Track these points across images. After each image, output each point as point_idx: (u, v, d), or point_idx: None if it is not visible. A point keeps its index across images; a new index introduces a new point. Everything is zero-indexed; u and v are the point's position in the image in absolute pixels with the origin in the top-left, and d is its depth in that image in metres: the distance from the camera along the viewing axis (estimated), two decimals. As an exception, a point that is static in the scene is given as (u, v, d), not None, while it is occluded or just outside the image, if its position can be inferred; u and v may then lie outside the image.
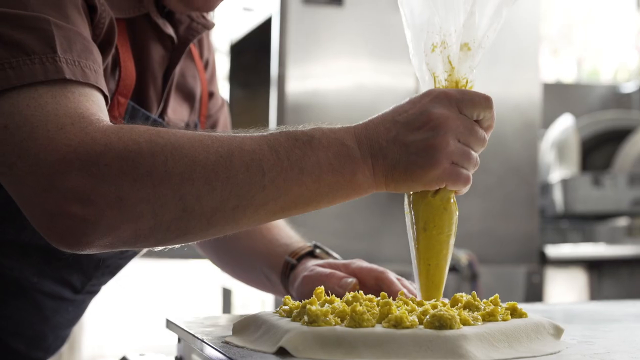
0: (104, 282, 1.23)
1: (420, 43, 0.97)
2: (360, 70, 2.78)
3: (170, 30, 1.15)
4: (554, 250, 2.99)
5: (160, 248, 0.90)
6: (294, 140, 0.88)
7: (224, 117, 1.38)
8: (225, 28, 3.51)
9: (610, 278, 3.11)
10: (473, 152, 0.93)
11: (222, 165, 0.84)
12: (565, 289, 3.08)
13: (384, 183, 0.91)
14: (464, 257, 2.63)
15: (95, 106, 0.88)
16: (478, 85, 2.92)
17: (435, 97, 0.92)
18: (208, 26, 1.21)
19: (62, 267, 1.13)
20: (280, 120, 2.75)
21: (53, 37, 0.88)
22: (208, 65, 1.33)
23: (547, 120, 3.64)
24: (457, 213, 0.98)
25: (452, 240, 0.97)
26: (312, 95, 2.75)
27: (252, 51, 3.26)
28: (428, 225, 0.95)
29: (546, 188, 3.47)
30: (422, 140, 0.89)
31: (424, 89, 0.97)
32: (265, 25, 2.91)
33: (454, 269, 2.62)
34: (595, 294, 3.07)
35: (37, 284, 1.12)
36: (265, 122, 2.92)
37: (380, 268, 1.11)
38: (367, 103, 2.74)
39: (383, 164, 0.90)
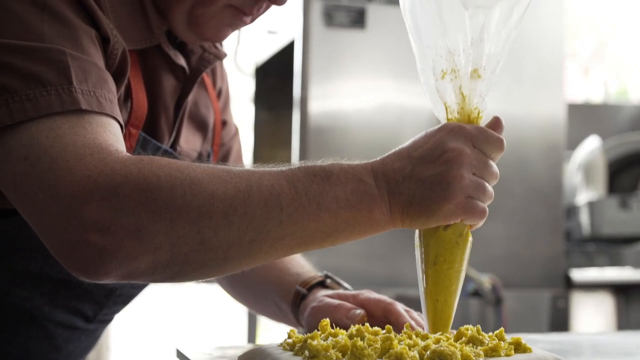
0: (117, 311, 1.24)
1: (427, 61, 0.97)
2: (383, 92, 2.78)
3: (181, 61, 1.15)
4: (579, 274, 2.96)
5: (177, 282, 0.90)
6: (312, 175, 0.88)
7: (238, 145, 1.39)
8: (250, 51, 3.53)
9: (637, 303, 3.06)
10: (488, 185, 0.93)
11: (240, 200, 0.84)
12: (591, 314, 3.05)
13: (400, 220, 0.91)
14: (487, 281, 2.61)
15: (113, 136, 0.89)
16: (502, 106, 2.93)
17: (450, 130, 0.92)
18: (220, 56, 1.22)
19: (73, 296, 1.13)
20: (303, 142, 2.75)
21: (69, 68, 0.89)
22: (221, 93, 1.34)
23: (574, 142, 3.61)
24: (470, 246, 0.97)
25: (463, 275, 0.96)
26: (334, 116, 2.75)
27: (277, 74, 3.28)
28: (438, 259, 0.95)
29: (572, 210, 3.44)
30: (437, 174, 0.89)
31: (435, 112, 0.98)
32: (289, 48, 2.93)
33: (477, 293, 2.60)
34: (623, 319, 3.03)
35: (49, 313, 1.12)
36: (288, 144, 2.93)
37: (389, 299, 1.11)
38: (390, 124, 2.74)
39: (399, 200, 0.90)
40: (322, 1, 2.72)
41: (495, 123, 0.97)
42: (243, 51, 3.64)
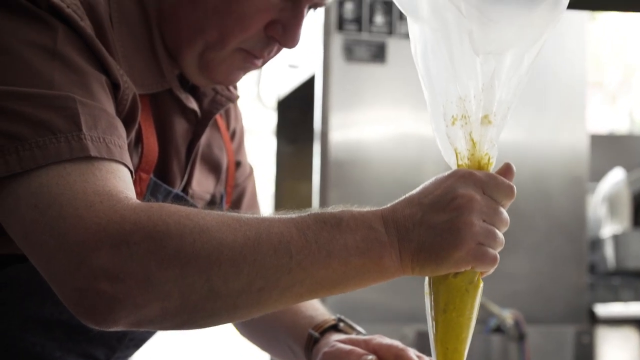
0: (130, 355, 1.23)
1: (438, 107, 0.97)
2: (403, 125, 2.77)
3: (193, 105, 1.16)
4: (604, 309, 2.92)
5: (186, 330, 0.90)
6: (323, 223, 0.88)
7: (252, 185, 1.39)
8: (272, 84, 3.54)
9: (664, 338, 3.02)
10: (498, 232, 0.92)
11: (249, 248, 0.84)
12: (617, 350, 3.00)
13: (410, 267, 0.90)
14: (509, 317, 2.58)
15: (123, 183, 0.90)
16: (524, 136, 2.91)
17: (460, 177, 0.92)
18: (232, 98, 1.22)
19: (85, 341, 1.13)
20: (324, 174, 2.75)
21: (78, 115, 0.89)
22: (235, 134, 1.34)
23: (598, 173, 3.57)
24: (481, 292, 0.96)
25: (473, 323, 0.95)
26: (355, 149, 2.75)
27: (298, 107, 3.29)
28: (448, 307, 0.94)
29: (597, 243, 3.40)
30: (447, 221, 0.89)
31: (445, 158, 0.97)
32: (310, 82, 2.94)
33: (499, 329, 2.57)
34: (649, 354, 2.98)
35: (61, 358, 1.12)
36: (309, 177, 2.93)
37: (401, 345, 1.10)
38: (410, 156, 2.73)
39: (409, 247, 0.89)
40: (342, 36, 2.73)
41: (506, 170, 0.96)
42: (265, 85, 3.67)
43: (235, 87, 1.31)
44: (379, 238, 0.89)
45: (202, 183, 1.22)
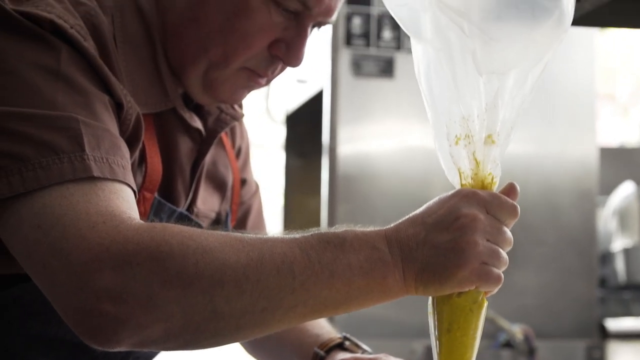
0: (134, 373, 1.23)
1: (441, 127, 0.97)
2: (411, 140, 2.77)
3: (197, 124, 1.16)
4: (615, 324, 2.91)
5: (189, 350, 0.90)
6: (326, 243, 0.88)
7: (258, 203, 1.39)
8: (281, 99, 3.55)
9: (676, 352, 3.00)
10: (502, 252, 0.92)
11: (252, 268, 0.84)
12: (628, 364, 2.98)
13: (414, 286, 0.90)
14: (519, 332, 2.57)
15: (126, 203, 0.90)
16: (533, 149, 2.89)
17: (463, 196, 0.91)
18: (237, 117, 1.22)
19: (90, 360, 1.13)
20: (332, 189, 2.75)
21: (81, 135, 0.90)
22: (241, 152, 1.34)
23: (609, 187, 3.56)
24: (485, 313, 0.95)
25: (477, 343, 0.95)
26: (363, 163, 2.75)
27: (307, 122, 3.30)
28: (452, 326, 0.93)
29: (608, 257, 3.39)
30: (450, 240, 0.88)
31: (449, 177, 0.97)
32: (319, 97, 2.94)
33: (508, 344, 2.56)
34: (660, 369, 2.96)
35: (66, 377, 1.12)
36: (318, 191, 2.93)
37: None
38: (418, 170, 2.73)
39: (413, 267, 0.89)
40: (350, 51, 2.73)
41: (510, 189, 0.96)
42: (274, 99, 3.68)
43: (240, 106, 1.32)
44: (383, 258, 0.89)
45: (207, 201, 1.22)
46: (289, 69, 1.15)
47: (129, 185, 0.93)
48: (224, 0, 1.07)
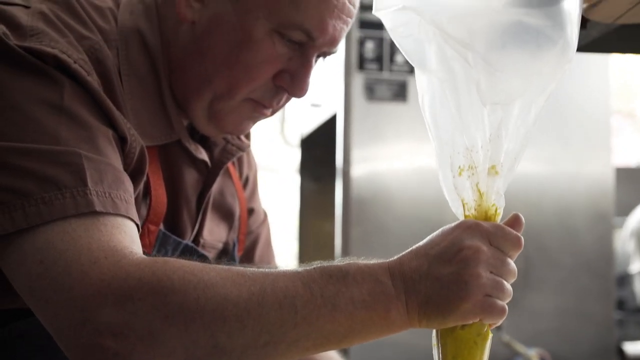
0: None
1: (445, 157, 0.96)
2: (425, 163, 2.76)
3: (203, 155, 1.16)
4: (633, 347, 2.87)
5: None
6: (329, 276, 0.88)
7: (266, 231, 1.38)
8: (296, 123, 3.56)
9: (696, 376, 2.96)
10: (506, 284, 0.91)
11: (254, 303, 0.84)
12: (647, 388, 2.94)
13: (417, 319, 0.90)
14: (535, 356, 2.55)
15: (128, 237, 0.90)
16: (548, 169, 2.84)
17: (466, 228, 0.91)
18: (243, 148, 1.22)
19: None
20: (346, 212, 2.75)
21: (84, 170, 0.90)
22: (248, 181, 1.34)
23: (626, 207, 3.54)
24: (489, 345, 0.94)
25: None
26: (376, 187, 2.75)
27: (322, 145, 3.30)
28: (456, 359, 0.92)
29: (626, 279, 3.35)
30: (453, 273, 0.88)
31: (453, 208, 0.96)
32: (333, 121, 2.95)
33: (524, 369, 2.54)
34: (680, 393, 2.92)
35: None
36: (333, 215, 2.93)
37: None
38: (432, 195, 2.72)
39: (416, 300, 0.89)
40: (363, 75, 2.73)
41: (514, 221, 0.95)
42: (289, 123, 3.68)
43: (247, 136, 1.32)
44: (386, 291, 0.88)
45: (214, 232, 1.22)
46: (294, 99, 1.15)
47: (132, 219, 0.93)
48: (227, 32, 1.07)
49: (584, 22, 1.16)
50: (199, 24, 1.09)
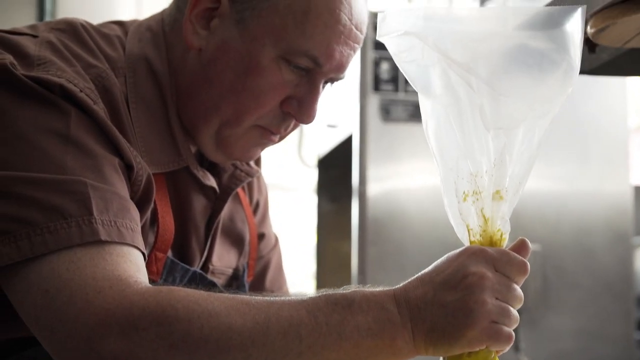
0: None
1: (450, 183, 0.96)
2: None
3: (210, 182, 1.17)
4: (654, 368, 2.84)
5: None
6: (334, 304, 0.88)
7: (277, 256, 1.39)
8: (313, 143, 3.57)
9: None
10: (512, 309, 0.91)
11: (258, 332, 0.84)
12: (669, 410, 2.90)
13: (424, 347, 0.90)
14: (554, 377, 2.52)
15: (133, 266, 0.90)
16: (565, 188, 2.79)
17: (471, 254, 0.91)
18: (251, 174, 1.23)
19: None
20: (362, 232, 2.74)
21: (89, 199, 0.90)
22: (259, 206, 1.34)
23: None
24: None
25: None
26: (393, 207, 2.74)
27: (339, 166, 3.30)
28: None
29: (647, 299, 3.32)
30: (458, 300, 0.88)
31: (458, 234, 0.96)
32: (349, 142, 2.95)
33: (543, 392, 2.51)
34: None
35: None
36: (350, 235, 2.93)
37: None
38: (447, 216, 2.70)
39: (422, 327, 0.89)
40: (378, 96, 2.74)
41: (520, 246, 0.95)
42: (306, 144, 3.69)
43: (258, 162, 1.32)
44: (391, 319, 0.88)
45: (223, 258, 1.22)
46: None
47: (138, 248, 0.93)
48: (235, 59, 1.08)
49: (593, 47, 1.16)
50: (205, 51, 1.09)
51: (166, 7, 1.17)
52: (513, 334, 0.91)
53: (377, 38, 0.95)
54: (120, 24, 1.15)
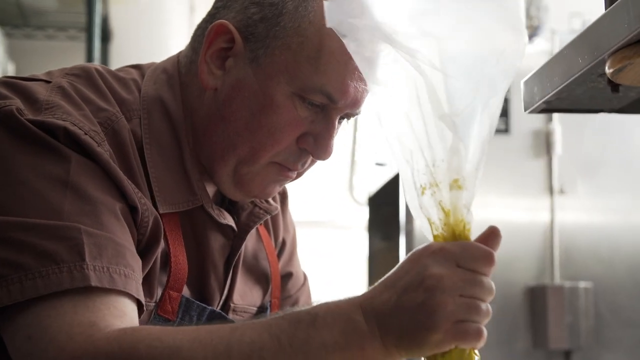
0: None
1: (409, 178, 0.93)
2: (489, 215, 2.71)
3: (228, 220, 1.17)
4: None
5: None
6: (297, 322, 0.88)
7: (306, 295, 1.37)
8: (364, 181, 3.56)
9: None
10: (481, 303, 0.87)
11: None
12: None
13: (396, 352, 0.88)
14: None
15: (116, 312, 0.92)
16: (619, 222, 2.73)
17: (431, 253, 0.88)
18: (270, 211, 1.22)
19: None
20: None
21: (82, 245, 0.92)
22: (285, 245, 1.34)
23: None
24: None
25: None
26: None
27: (388, 203, 3.28)
28: None
29: None
30: (420, 303, 0.85)
31: (422, 230, 0.93)
32: (396, 180, 2.93)
33: None
34: None
35: None
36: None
37: None
38: (499, 250, 2.65)
39: (391, 333, 0.86)
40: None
41: (489, 234, 0.91)
42: (357, 181, 3.69)
43: (284, 200, 1.32)
44: (358, 328, 0.87)
45: (246, 295, 1.22)
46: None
47: (130, 294, 0.94)
48: (249, 97, 1.08)
49: (616, 87, 1.14)
50: (221, 91, 1.10)
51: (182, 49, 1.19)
52: (483, 329, 0.87)
53: (327, 25, 0.90)
54: (137, 67, 1.17)
